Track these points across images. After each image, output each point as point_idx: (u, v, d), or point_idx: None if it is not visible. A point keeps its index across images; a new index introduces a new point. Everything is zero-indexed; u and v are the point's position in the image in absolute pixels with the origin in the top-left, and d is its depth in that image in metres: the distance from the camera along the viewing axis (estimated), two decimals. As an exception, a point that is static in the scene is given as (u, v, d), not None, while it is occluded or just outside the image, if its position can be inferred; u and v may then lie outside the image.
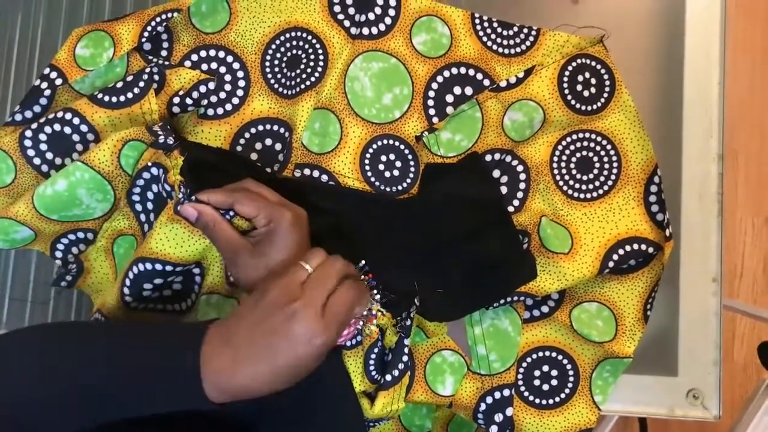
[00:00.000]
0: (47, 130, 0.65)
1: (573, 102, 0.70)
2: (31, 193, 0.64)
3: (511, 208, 0.68)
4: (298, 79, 0.70)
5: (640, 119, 0.69)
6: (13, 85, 0.73)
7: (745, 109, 1.60)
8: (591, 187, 0.69)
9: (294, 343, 0.53)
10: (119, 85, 0.65)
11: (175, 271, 0.64)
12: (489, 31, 0.72)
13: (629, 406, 0.71)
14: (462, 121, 0.70)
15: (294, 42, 0.70)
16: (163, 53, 0.70)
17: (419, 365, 0.69)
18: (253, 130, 0.70)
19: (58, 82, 0.67)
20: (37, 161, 0.66)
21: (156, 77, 0.67)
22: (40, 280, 0.72)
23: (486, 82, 0.71)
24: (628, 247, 0.67)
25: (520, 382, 0.69)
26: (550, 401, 0.69)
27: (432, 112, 0.71)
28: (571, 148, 0.70)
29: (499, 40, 0.71)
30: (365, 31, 0.71)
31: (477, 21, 0.72)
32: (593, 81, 0.70)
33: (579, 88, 0.70)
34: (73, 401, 0.53)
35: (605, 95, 0.70)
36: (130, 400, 0.53)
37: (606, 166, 0.70)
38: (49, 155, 0.66)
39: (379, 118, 0.70)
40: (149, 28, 0.67)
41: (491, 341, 0.69)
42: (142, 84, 0.65)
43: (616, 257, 0.67)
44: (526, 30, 0.72)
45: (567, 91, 0.70)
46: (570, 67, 0.70)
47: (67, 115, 0.65)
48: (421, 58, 0.71)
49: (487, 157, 0.69)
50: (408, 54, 0.71)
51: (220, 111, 0.70)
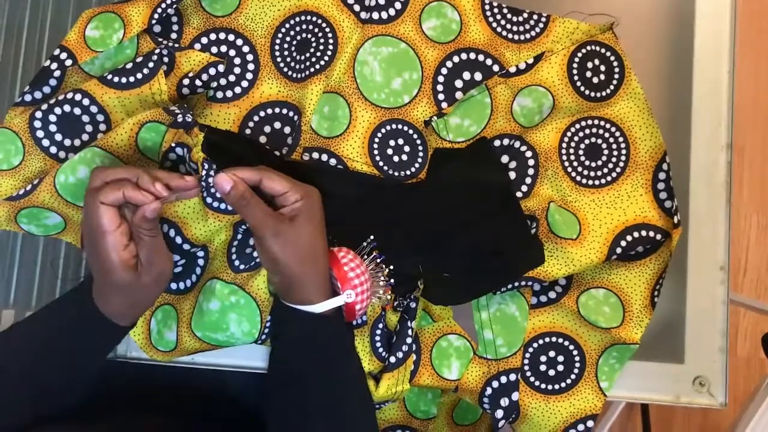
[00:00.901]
0: (57, 111, 0.65)
1: (582, 88, 0.70)
2: (51, 181, 0.63)
3: (519, 194, 0.68)
4: (308, 63, 0.70)
5: (649, 107, 0.69)
6: (23, 66, 0.73)
7: (750, 105, 1.59)
8: (599, 173, 0.69)
9: None
10: (129, 65, 0.65)
11: (182, 248, 0.65)
12: (499, 17, 0.72)
13: (635, 393, 0.71)
14: (471, 106, 0.70)
15: (304, 26, 0.70)
16: (173, 36, 0.70)
17: (425, 349, 0.69)
18: (262, 114, 0.70)
19: (68, 63, 0.67)
20: (45, 143, 0.66)
21: (165, 59, 0.67)
22: (47, 261, 0.72)
23: (495, 68, 0.71)
24: (636, 234, 0.67)
25: (527, 368, 0.69)
26: (556, 386, 0.69)
27: (441, 97, 0.71)
28: (580, 134, 0.70)
29: (508, 26, 0.71)
30: (375, 15, 0.71)
31: (487, 7, 0.71)
32: (603, 68, 0.70)
33: (588, 74, 0.70)
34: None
35: (614, 82, 0.70)
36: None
37: (615, 153, 0.69)
38: (58, 137, 0.66)
39: (388, 103, 0.70)
40: (159, 11, 0.67)
41: (498, 326, 0.69)
42: (151, 65, 0.65)
43: (624, 243, 0.67)
44: (536, 16, 0.72)
45: (576, 77, 0.70)
46: (580, 54, 0.70)
47: (77, 96, 0.65)
48: (430, 43, 0.71)
49: (496, 143, 0.69)
50: (418, 39, 0.71)
51: (229, 94, 0.70)
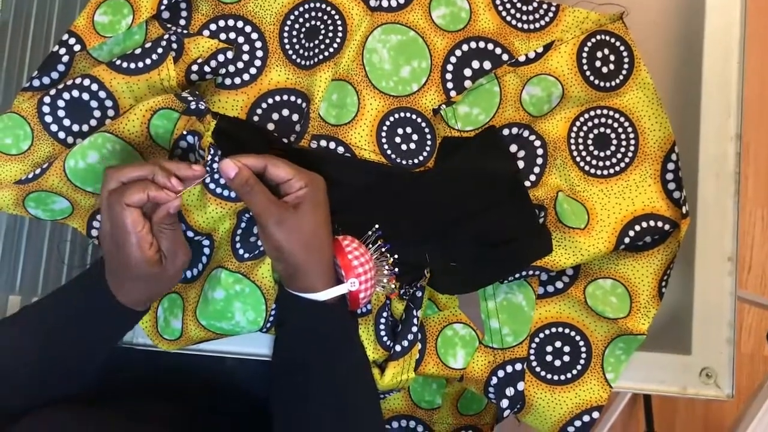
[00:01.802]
0: (65, 96, 0.65)
1: (592, 78, 0.70)
2: (60, 165, 0.63)
3: (527, 183, 0.68)
4: (316, 50, 0.70)
5: (658, 97, 0.69)
6: (31, 51, 0.73)
7: (756, 101, 1.59)
8: (608, 163, 0.69)
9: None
10: (138, 51, 0.65)
11: (187, 235, 0.65)
12: (509, 5, 0.71)
13: (642, 384, 0.71)
14: (480, 95, 0.70)
15: (313, 13, 0.70)
16: (182, 22, 0.70)
17: (431, 338, 0.69)
18: (270, 101, 0.70)
19: (77, 48, 0.67)
20: (54, 128, 0.66)
21: (174, 45, 0.66)
22: (53, 248, 0.72)
23: (505, 57, 0.71)
24: (644, 224, 0.67)
25: (532, 357, 0.69)
26: (562, 377, 0.69)
27: (450, 85, 0.70)
28: (589, 124, 0.69)
29: (518, 15, 0.71)
30: (384, 3, 0.71)
31: (496, -5, 0.71)
32: (612, 57, 0.70)
33: (598, 64, 0.70)
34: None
35: (624, 72, 0.70)
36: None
37: (623, 143, 0.69)
38: (66, 122, 0.66)
39: (397, 91, 0.70)
40: (168, -4, 0.67)
41: (504, 315, 0.69)
42: (160, 50, 0.65)
43: (632, 233, 0.67)
44: (545, 5, 0.71)
45: (586, 67, 0.70)
46: (589, 44, 0.70)
47: (86, 81, 0.65)
48: (440, 31, 0.71)
49: (505, 132, 0.69)
50: (427, 27, 0.71)
51: (237, 81, 0.70)
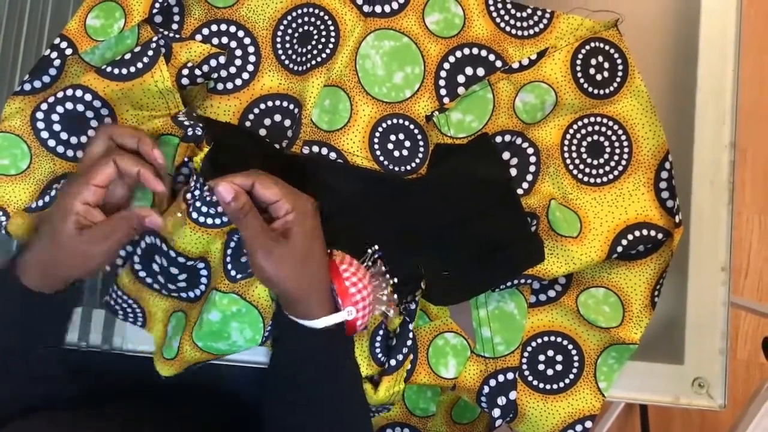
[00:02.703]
0: (59, 109, 0.65)
1: (585, 85, 0.69)
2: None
3: (520, 191, 0.68)
4: (309, 56, 0.69)
5: (652, 105, 0.69)
6: (23, 55, 0.73)
7: (753, 107, 1.59)
8: (601, 171, 0.69)
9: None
10: (127, 56, 0.65)
11: (178, 261, 0.65)
12: (503, 12, 0.71)
13: (634, 393, 0.71)
14: (473, 101, 0.69)
15: (306, 18, 0.70)
16: (174, 26, 0.70)
17: (422, 348, 0.68)
18: (262, 106, 0.69)
19: (68, 52, 0.67)
20: (52, 143, 0.66)
21: (163, 49, 0.66)
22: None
23: (498, 63, 0.70)
24: (637, 233, 0.67)
25: (525, 367, 0.69)
26: (554, 386, 0.69)
27: (443, 92, 0.70)
28: (583, 132, 0.69)
29: (512, 22, 0.71)
30: (378, 8, 0.70)
31: (491, 2, 0.71)
32: (606, 65, 0.69)
33: (592, 71, 0.69)
34: None
35: (618, 80, 0.69)
36: None
37: (617, 151, 0.69)
38: (64, 135, 0.66)
39: (390, 97, 0.70)
40: (160, 0, 0.66)
41: (496, 324, 0.69)
42: (150, 53, 0.64)
43: (624, 242, 0.67)
44: (540, 12, 0.71)
45: (580, 74, 0.69)
46: (583, 51, 0.69)
47: (78, 92, 0.64)
48: (433, 37, 0.70)
49: (498, 139, 0.69)
50: (420, 33, 0.70)
51: (229, 86, 0.69)
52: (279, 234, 0.59)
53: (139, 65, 0.65)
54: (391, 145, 0.70)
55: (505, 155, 0.68)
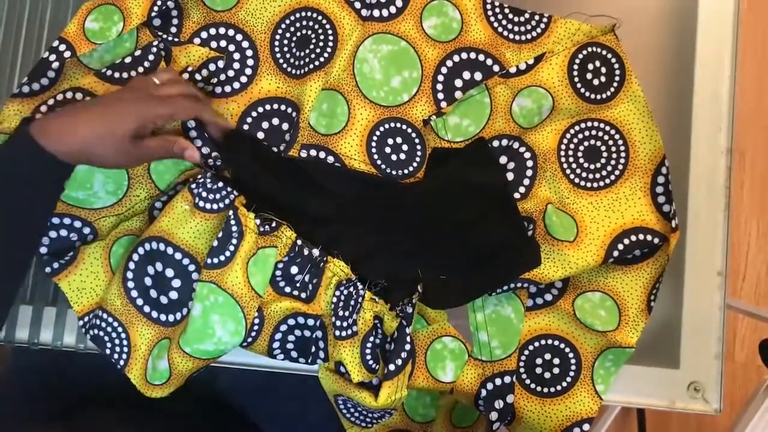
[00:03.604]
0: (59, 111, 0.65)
1: (582, 90, 0.69)
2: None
3: (517, 195, 0.68)
4: (307, 59, 0.70)
5: (649, 110, 0.69)
6: (22, 58, 0.73)
7: (752, 110, 1.59)
8: (598, 176, 0.69)
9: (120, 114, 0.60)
10: (127, 60, 0.65)
11: (174, 258, 0.65)
12: (500, 16, 0.71)
13: (630, 397, 0.71)
14: (470, 106, 0.70)
15: (304, 22, 0.70)
16: (173, 29, 0.70)
17: (420, 352, 0.69)
18: (260, 109, 0.69)
19: (67, 54, 0.67)
20: None
21: (163, 53, 0.66)
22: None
23: (496, 68, 0.70)
24: (633, 237, 0.67)
25: (522, 370, 0.69)
26: (552, 389, 0.69)
27: (440, 96, 0.70)
28: (579, 136, 0.69)
29: (510, 26, 0.71)
30: (376, 13, 0.70)
31: (488, 6, 0.71)
32: (603, 70, 0.70)
33: (589, 76, 0.69)
34: None
35: (615, 84, 0.70)
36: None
37: (614, 156, 0.69)
38: None
39: (387, 101, 0.70)
40: (159, 3, 0.67)
41: (493, 328, 0.69)
42: (152, 57, 0.65)
43: (621, 247, 0.67)
44: (537, 17, 0.71)
45: (577, 79, 0.69)
46: (580, 56, 0.70)
47: (78, 95, 0.65)
48: (431, 41, 0.71)
49: (495, 143, 0.69)
50: (418, 37, 0.71)
51: (228, 89, 0.69)
52: None
53: (140, 69, 0.65)
54: (388, 149, 0.70)
55: (502, 159, 0.68)
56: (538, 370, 0.69)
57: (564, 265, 0.66)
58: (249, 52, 0.70)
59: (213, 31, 0.70)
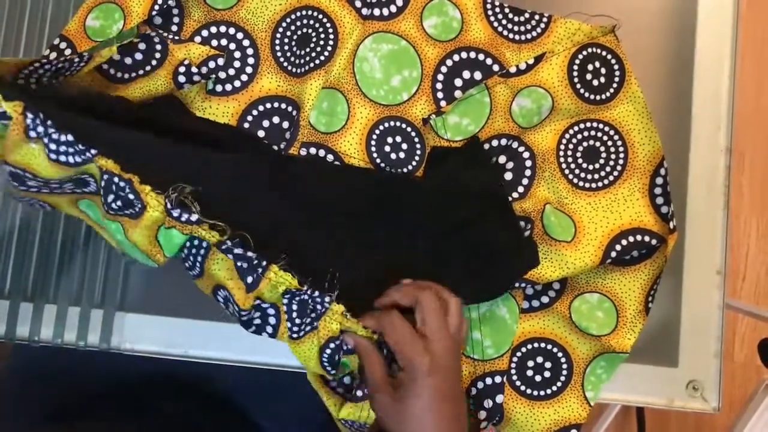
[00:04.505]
0: None
1: (582, 91, 0.70)
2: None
3: (515, 195, 0.68)
4: (308, 58, 0.70)
5: (648, 110, 0.69)
6: (23, 55, 0.73)
7: (752, 110, 1.59)
8: (596, 176, 0.69)
9: None
10: (128, 61, 0.65)
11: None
12: (500, 16, 0.71)
13: (628, 395, 0.71)
14: (470, 105, 0.70)
15: (304, 20, 0.70)
16: (174, 28, 0.70)
17: None
18: (260, 108, 0.70)
19: (68, 52, 0.67)
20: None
21: (159, 46, 0.66)
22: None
23: (495, 68, 0.71)
24: (631, 238, 0.67)
25: (513, 371, 0.69)
26: (542, 393, 0.69)
27: (440, 95, 0.71)
28: (578, 137, 0.69)
29: (510, 26, 0.71)
30: (376, 11, 0.71)
31: (488, 6, 0.71)
32: (603, 70, 0.70)
33: (588, 77, 0.70)
34: None
35: (614, 85, 0.70)
36: None
37: (612, 157, 0.69)
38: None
39: (387, 100, 0.70)
40: (160, 1, 0.67)
41: (487, 327, 0.69)
42: (158, 55, 0.64)
43: (618, 248, 0.67)
44: (537, 17, 0.71)
45: (576, 79, 0.70)
46: (580, 56, 0.70)
47: None
48: (431, 41, 0.71)
49: (494, 143, 0.69)
50: (418, 36, 0.71)
51: (228, 87, 0.70)
52: (392, 389, 0.56)
53: (147, 68, 0.65)
54: (388, 148, 0.70)
55: (501, 159, 0.69)
56: (530, 373, 0.69)
57: (561, 265, 0.66)
58: (250, 51, 0.70)
59: (214, 29, 0.70)
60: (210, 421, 0.80)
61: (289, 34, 0.70)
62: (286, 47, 0.70)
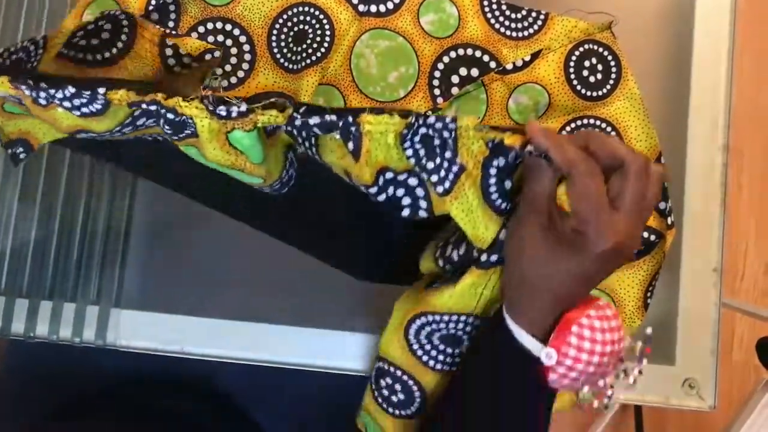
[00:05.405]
0: None
1: (579, 87, 0.70)
2: None
3: (513, 191, 0.68)
4: (304, 54, 0.70)
5: (645, 107, 0.69)
6: (19, 51, 0.73)
7: (750, 108, 1.59)
8: (594, 172, 0.69)
9: None
10: (94, 42, 0.63)
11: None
12: (497, 13, 0.71)
13: (624, 393, 0.71)
14: (466, 102, 0.70)
15: (301, 17, 0.70)
16: (170, 24, 0.70)
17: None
18: (257, 104, 0.69)
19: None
20: None
21: (125, 21, 0.64)
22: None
23: (492, 64, 0.71)
24: (629, 234, 0.67)
25: None
26: None
27: (437, 92, 0.70)
28: (575, 133, 0.69)
29: (507, 23, 0.71)
30: (373, 8, 0.71)
31: (485, 3, 0.71)
32: (600, 67, 0.70)
33: (585, 73, 0.70)
34: None
35: (611, 82, 0.70)
36: None
37: (610, 153, 0.69)
38: None
39: (384, 97, 0.70)
40: (156, -2, 0.67)
41: None
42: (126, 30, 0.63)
43: (616, 243, 0.67)
44: (534, 13, 0.71)
45: (573, 76, 0.70)
46: (577, 53, 0.70)
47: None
48: (428, 37, 0.71)
49: (491, 139, 0.69)
50: (415, 33, 0.71)
51: (225, 83, 0.70)
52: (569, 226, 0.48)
53: (119, 44, 0.64)
54: (384, 145, 0.70)
55: (498, 155, 0.68)
56: None
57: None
58: (246, 47, 0.70)
59: (210, 25, 0.70)
60: (210, 420, 0.80)
61: (285, 30, 0.70)
62: (283, 43, 0.70)
